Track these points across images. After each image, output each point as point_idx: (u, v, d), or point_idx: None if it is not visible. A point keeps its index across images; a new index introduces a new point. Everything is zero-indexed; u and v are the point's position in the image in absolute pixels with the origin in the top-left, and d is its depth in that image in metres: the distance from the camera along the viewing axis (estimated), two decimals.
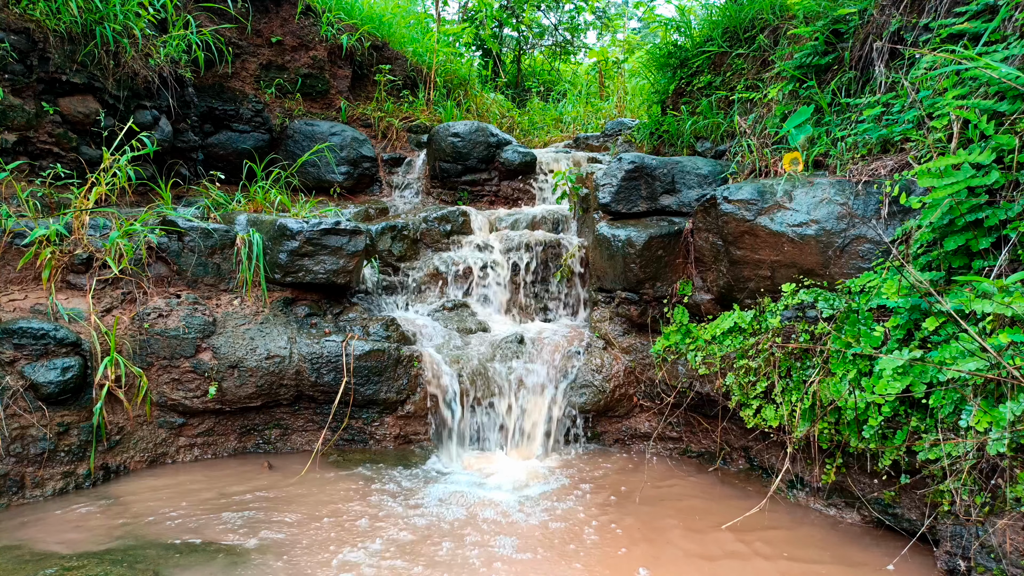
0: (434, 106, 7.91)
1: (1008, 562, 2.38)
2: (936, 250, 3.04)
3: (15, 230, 3.78)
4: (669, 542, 3.10)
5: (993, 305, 2.54)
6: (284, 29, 6.76)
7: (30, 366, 3.40)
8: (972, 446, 2.52)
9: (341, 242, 4.33)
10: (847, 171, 3.58)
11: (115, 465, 3.69)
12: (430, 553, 2.94)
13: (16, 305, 3.66)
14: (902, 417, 2.84)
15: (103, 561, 2.69)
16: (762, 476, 3.91)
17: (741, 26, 5.30)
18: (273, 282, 4.33)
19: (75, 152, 4.43)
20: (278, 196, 5.12)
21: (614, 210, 4.55)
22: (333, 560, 2.84)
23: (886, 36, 3.87)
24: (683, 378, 4.09)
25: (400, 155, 7.02)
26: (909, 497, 3.03)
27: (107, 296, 3.92)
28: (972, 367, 2.55)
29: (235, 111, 6.16)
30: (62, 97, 4.35)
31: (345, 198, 6.49)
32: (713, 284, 4.09)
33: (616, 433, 4.51)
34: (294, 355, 4.06)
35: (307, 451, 4.18)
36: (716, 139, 5.46)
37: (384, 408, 4.28)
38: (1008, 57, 3.04)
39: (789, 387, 3.30)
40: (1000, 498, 2.47)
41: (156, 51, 4.84)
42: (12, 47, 4.03)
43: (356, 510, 3.36)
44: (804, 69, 4.41)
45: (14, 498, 3.32)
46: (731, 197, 3.76)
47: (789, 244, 3.54)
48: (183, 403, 3.88)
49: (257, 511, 3.30)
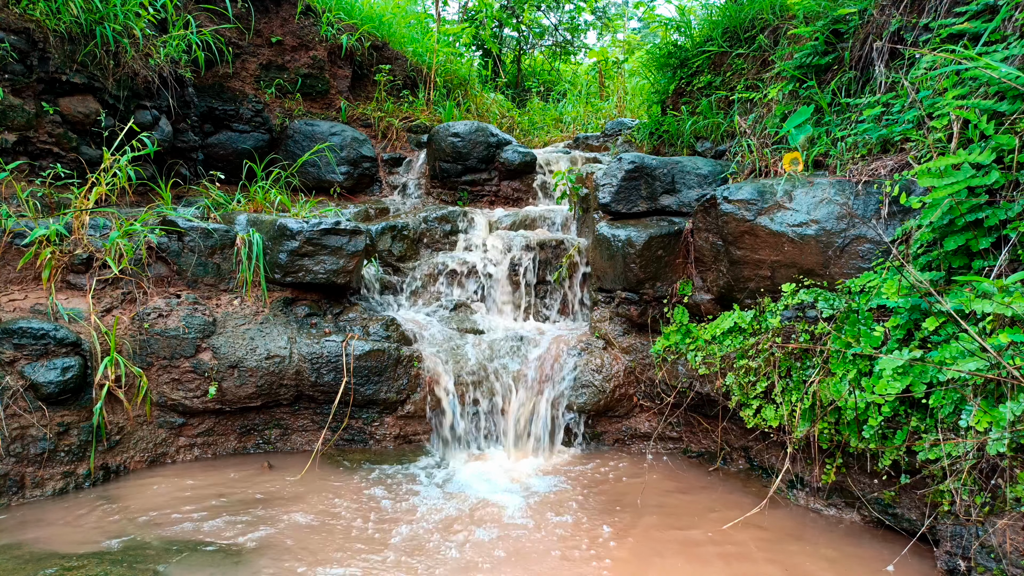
0: (434, 106, 7.91)
1: (1008, 562, 2.38)
2: (936, 250, 3.04)
3: (15, 230, 3.78)
4: (669, 542, 3.10)
5: (993, 305, 2.54)
6: (284, 29, 6.76)
7: (30, 366, 3.40)
8: (972, 446, 2.52)
9: (341, 242, 4.34)
10: (847, 171, 3.58)
11: (115, 465, 3.69)
12: (430, 553, 2.94)
13: (16, 305, 3.66)
14: (902, 417, 2.84)
15: (103, 561, 2.69)
16: (762, 476, 3.91)
17: (741, 26, 5.30)
18: (273, 282, 4.33)
19: (75, 152, 4.43)
20: (278, 196, 5.12)
21: (614, 210, 4.55)
22: (333, 560, 2.84)
23: (886, 36, 3.87)
24: (683, 378, 4.09)
25: (400, 155, 7.02)
26: (909, 497, 3.03)
27: (107, 296, 3.92)
28: (972, 367, 2.55)
29: (235, 111, 6.16)
30: (62, 97, 4.35)
31: (345, 198, 6.49)
32: (713, 284, 4.09)
33: (616, 433, 4.51)
34: (294, 355, 4.06)
35: (307, 451, 4.18)
36: (716, 139, 5.45)
37: (384, 408, 4.28)
38: (1008, 57, 3.04)
39: (789, 387, 3.30)
40: (1000, 498, 2.47)
41: (156, 51, 4.85)
42: (12, 47, 4.03)
43: (356, 510, 3.36)
44: (804, 69, 4.41)
45: (14, 498, 3.32)
46: (731, 197, 3.76)
47: (789, 244, 3.54)
48: (183, 403, 3.88)
49: (257, 511, 3.30)
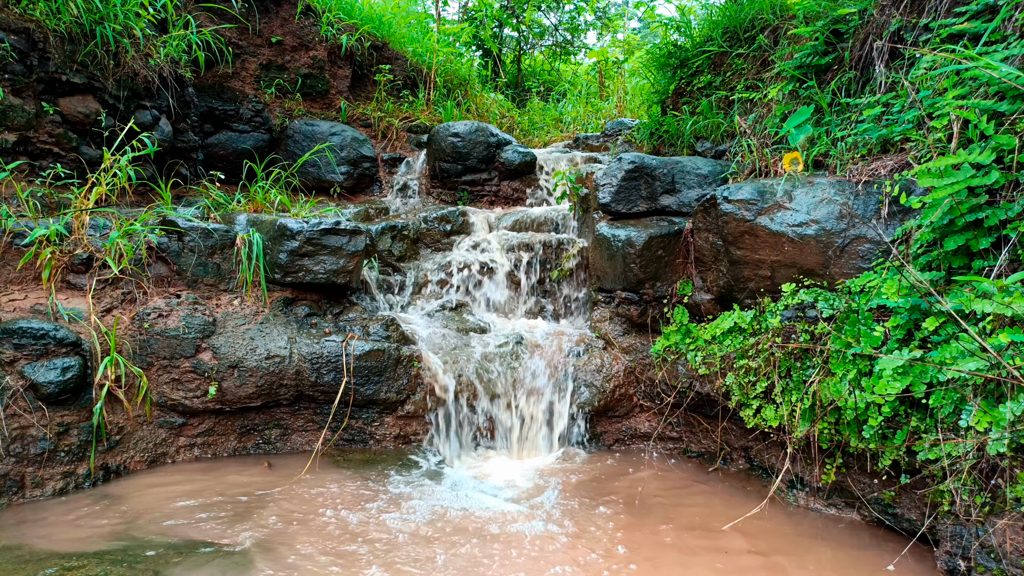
0: (434, 106, 7.91)
1: (1008, 562, 2.38)
2: (936, 250, 3.04)
3: (15, 230, 3.78)
4: (669, 542, 3.11)
5: (993, 305, 2.54)
6: (284, 29, 6.76)
7: (30, 366, 3.40)
8: (972, 446, 2.52)
9: (341, 242, 4.33)
10: (847, 171, 3.58)
11: (115, 465, 3.69)
12: (429, 553, 2.94)
13: (16, 305, 3.66)
14: (902, 417, 2.84)
15: (103, 561, 2.69)
16: (762, 476, 3.91)
17: (741, 26, 5.30)
18: (273, 282, 4.33)
19: (75, 152, 4.43)
20: (278, 196, 5.12)
21: (614, 210, 4.55)
22: (332, 560, 2.84)
23: (886, 36, 3.87)
24: (683, 378, 4.09)
25: (400, 155, 7.02)
26: (909, 497, 3.03)
27: (107, 296, 3.92)
28: (972, 367, 2.55)
29: (235, 111, 6.16)
30: (62, 97, 4.35)
31: (345, 198, 6.49)
32: (713, 284, 4.09)
33: (616, 433, 4.51)
34: (294, 355, 4.06)
35: (307, 451, 4.18)
36: (716, 139, 5.45)
37: (384, 408, 4.28)
38: (1008, 57, 3.04)
39: (789, 387, 3.30)
40: (1000, 498, 2.47)
41: (156, 51, 4.84)
42: (12, 47, 4.03)
43: (356, 510, 3.36)
44: (804, 69, 4.41)
45: (14, 498, 3.32)
46: (731, 197, 3.76)
47: (789, 244, 3.54)
48: (183, 403, 3.88)
49: (257, 511, 3.30)
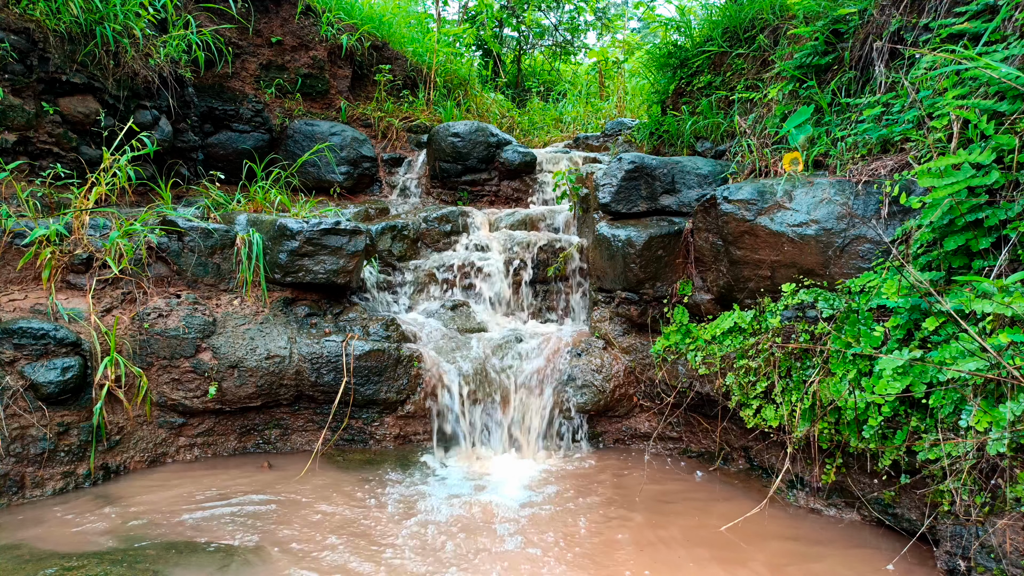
0: (434, 106, 7.91)
1: (1008, 562, 2.38)
2: (936, 250, 3.04)
3: (15, 230, 3.78)
4: (668, 542, 3.10)
5: (993, 305, 2.54)
6: (284, 29, 6.76)
7: (30, 366, 3.40)
8: (972, 446, 2.52)
9: (341, 242, 4.33)
10: (847, 171, 3.58)
11: (115, 465, 3.69)
12: (431, 554, 2.94)
13: (16, 305, 3.66)
14: (902, 417, 2.84)
15: (103, 561, 2.69)
16: (762, 476, 3.91)
17: (741, 26, 5.30)
18: (273, 282, 4.33)
19: (75, 152, 4.43)
20: (278, 196, 5.12)
21: (614, 210, 4.55)
22: (332, 560, 2.84)
23: (886, 36, 3.87)
24: (683, 378, 4.09)
25: (400, 155, 7.02)
26: (909, 497, 3.03)
27: (107, 296, 3.92)
28: (972, 367, 2.55)
29: (235, 111, 6.16)
30: (62, 97, 4.35)
31: (345, 198, 6.49)
32: (713, 284, 4.09)
33: (616, 433, 4.51)
34: (294, 355, 4.06)
35: (307, 451, 4.18)
36: (716, 139, 5.45)
37: (384, 408, 4.28)
38: (1008, 57, 3.04)
39: (789, 387, 3.30)
40: (1000, 498, 2.47)
41: (156, 51, 4.85)
42: (12, 47, 4.03)
43: (355, 510, 3.36)
44: (804, 69, 4.40)
45: (14, 498, 3.32)
46: (731, 197, 3.76)
47: (789, 244, 3.54)
48: (183, 403, 3.88)
49: (257, 511, 3.30)
